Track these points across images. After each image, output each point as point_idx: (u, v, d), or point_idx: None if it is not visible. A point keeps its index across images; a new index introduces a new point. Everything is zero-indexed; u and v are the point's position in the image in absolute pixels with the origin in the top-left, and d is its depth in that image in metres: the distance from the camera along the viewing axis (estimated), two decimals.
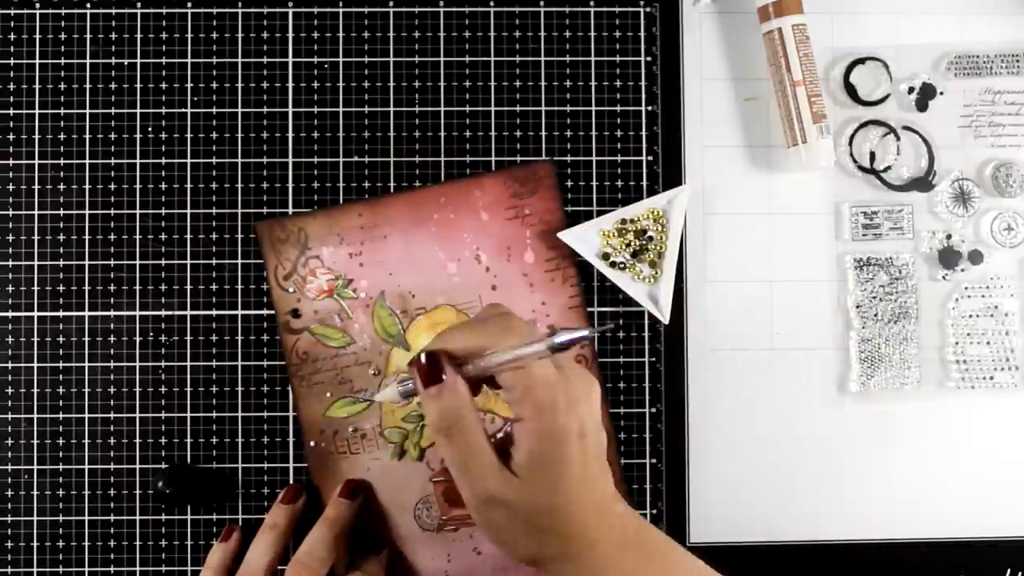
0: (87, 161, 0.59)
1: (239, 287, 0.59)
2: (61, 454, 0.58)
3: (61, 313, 0.58)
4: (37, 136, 0.59)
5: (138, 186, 0.59)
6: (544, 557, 0.47)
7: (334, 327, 0.58)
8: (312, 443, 0.58)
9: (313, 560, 0.54)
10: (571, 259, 0.59)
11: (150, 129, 0.59)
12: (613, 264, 0.58)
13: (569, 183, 0.60)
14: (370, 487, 0.58)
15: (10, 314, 0.58)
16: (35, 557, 0.58)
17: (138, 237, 0.59)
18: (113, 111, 0.59)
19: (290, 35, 0.60)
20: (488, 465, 0.45)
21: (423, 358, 0.45)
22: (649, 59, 0.60)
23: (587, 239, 0.58)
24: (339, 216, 0.59)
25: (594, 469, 0.46)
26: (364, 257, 0.58)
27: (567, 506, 0.45)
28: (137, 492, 0.58)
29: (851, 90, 0.60)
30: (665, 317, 0.58)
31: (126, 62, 0.59)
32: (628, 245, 0.58)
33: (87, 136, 0.59)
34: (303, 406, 0.58)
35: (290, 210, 0.59)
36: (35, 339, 0.58)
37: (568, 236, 0.58)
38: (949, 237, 0.60)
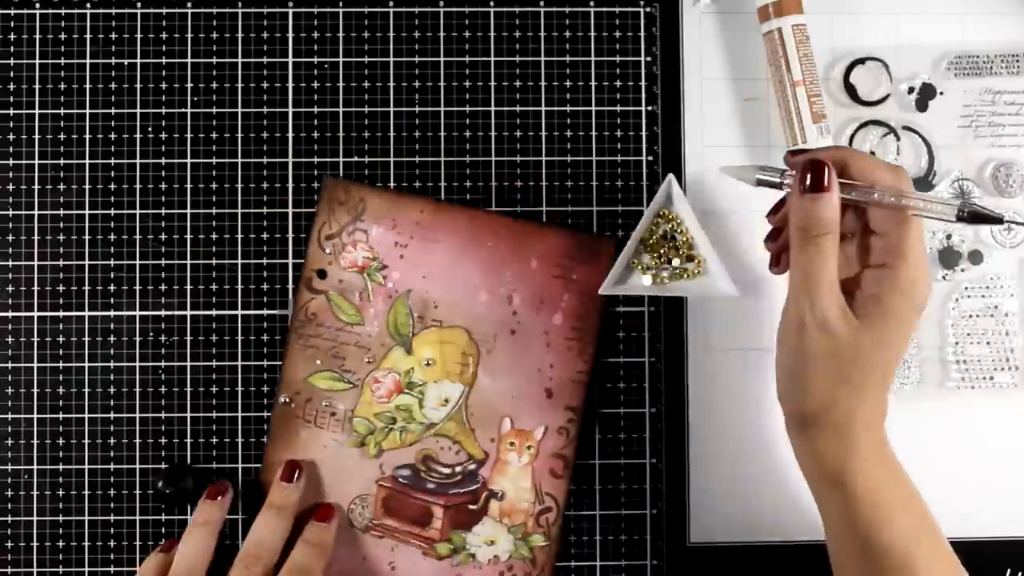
0: (87, 161, 0.59)
1: (239, 287, 0.59)
2: (61, 454, 0.58)
3: (61, 313, 0.58)
4: (37, 136, 0.59)
5: (138, 186, 0.59)
6: (826, 418, 0.47)
7: (351, 303, 0.58)
8: (284, 399, 0.58)
9: (263, 550, 0.53)
10: (593, 336, 0.58)
11: (150, 129, 0.59)
12: (664, 279, 0.58)
13: (569, 183, 0.60)
14: (313, 466, 0.58)
15: (10, 314, 0.58)
16: (35, 557, 0.58)
17: (138, 237, 0.59)
18: (113, 111, 0.59)
19: (290, 35, 0.60)
20: (833, 286, 0.45)
21: (814, 165, 0.45)
22: (649, 59, 0.60)
23: (628, 280, 0.58)
24: (402, 203, 0.58)
25: (905, 344, 0.47)
26: (408, 251, 0.58)
27: (883, 365, 0.46)
28: (137, 492, 0.58)
29: (851, 90, 0.60)
30: (734, 290, 0.57)
31: (126, 62, 0.59)
32: (661, 256, 0.58)
33: (87, 136, 0.59)
34: (290, 363, 0.58)
35: (289, 208, 0.59)
36: (35, 339, 0.58)
37: (609, 289, 0.57)
38: (949, 237, 0.60)
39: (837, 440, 0.47)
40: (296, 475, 0.56)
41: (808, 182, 0.45)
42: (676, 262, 0.58)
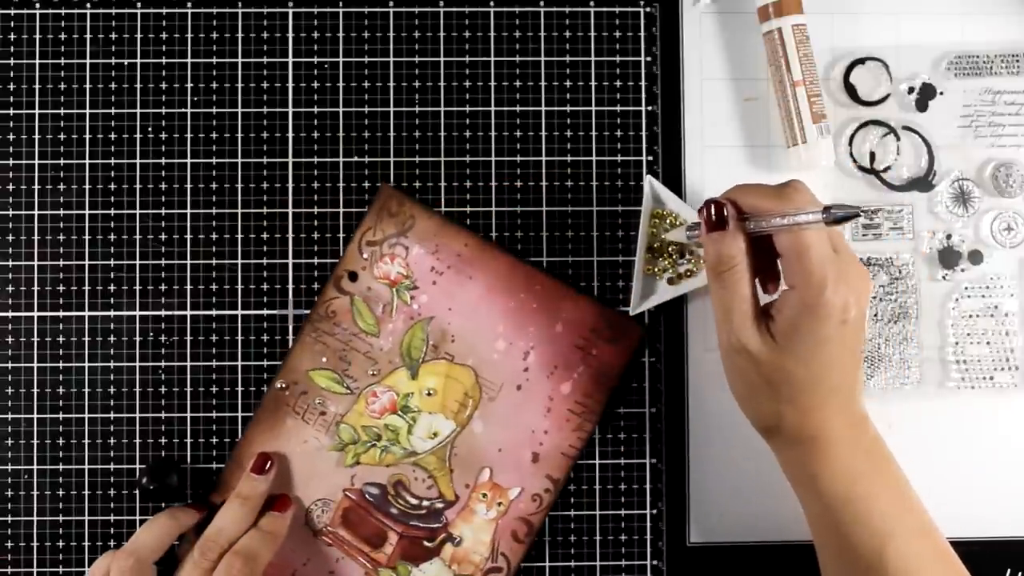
0: (87, 161, 0.59)
1: (239, 287, 0.59)
2: (61, 454, 0.58)
3: (61, 313, 0.58)
4: (37, 136, 0.59)
5: (138, 186, 0.59)
6: (780, 430, 0.49)
7: (373, 312, 0.58)
8: (280, 384, 0.58)
9: (222, 538, 0.54)
10: (595, 416, 0.58)
11: (150, 129, 0.59)
12: (683, 276, 0.58)
13: (569, 183, 0.60)
14: (285, 460, 0.58)
15: (10, 314, 0.58)
16: (35, 557, 0.58)
17: (138, 237, 0.59)
18: (113, 111, 0.59)
19: (290, 35, 0.60)
20: (748, 315, 0.48)
21: (711, 206, 0.48)
22: (649, 59, 0.60)
23: (652, 290, 0.58)
24: (449, 231, 0.58)
25: (847, 359, 0.47)
26: (442, 279, 0.58)
27: (812, 383, 0.47)
28: (137, 492, 0.58)
29: (851, 90, 0.60)
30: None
31: (126, 62, 0.59)
32: (671, 256, 0.58)
33: (87, 136, 0.59)
34: (297, 352, 0.58)
35: (290, 208, 0.59)
36: (35, 339, 0.58)
37: (639, 307, 0.58)
38: (949, 237, 0.60)
39: (800, 450, 0.49)
40: (266, 468, 0.56)
41: (709, 224, 0.48)
42: (686, 255, 0.58)
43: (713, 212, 0.48)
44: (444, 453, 0.58)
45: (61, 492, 0.58)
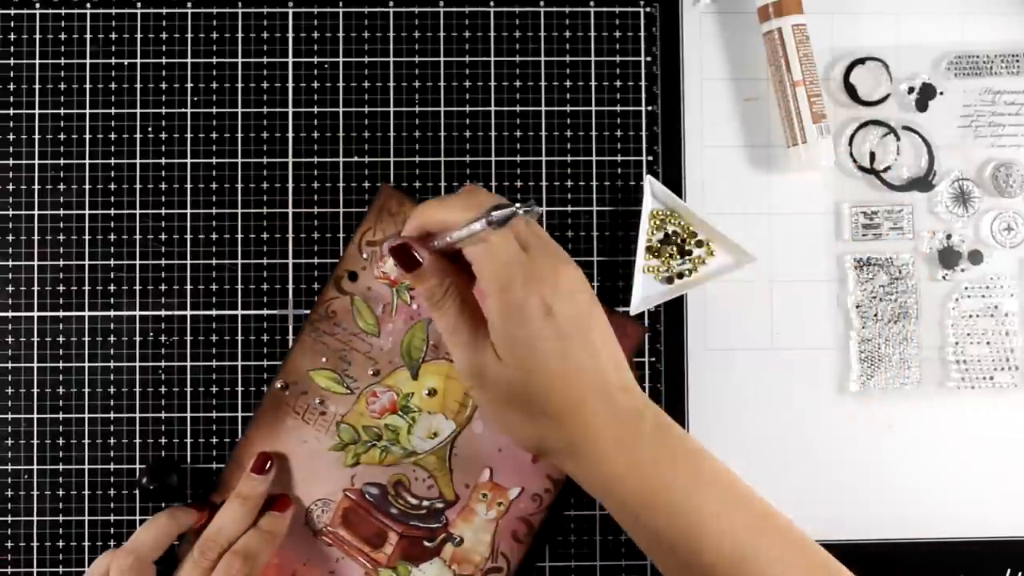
0: (87, 161, 0.59)
1: (239, 287, 0.59)
2: (61, 454, 0.58)
3: (61, 313, 0.58)
4: (37, 136, 0.59)
5: (138, 186, 0.59)
6: (548, 447, 0.46)
7: (373, 312, 0.58)
8: (280, 384, 0.58)
9: (222, 537, 0.54)
10: None
11: (150, 129, 0.59)
12: (682, 275, 0.58)
13: (569, 183, 0.60)
14: (284, 459, 0.58)
15: (10, 314, 0.58)
16: (35, 557, 0.58)
17: (138, 237, 0.59)
18: (113, 111, 0.59)
19: (290, 35, 0.60)
20: (472, 337, 0.46)
21: (396, 253, 0.47)
22: (649, 59, 0.60)
23: (651, 291, 0.58)
24: None
25: (577, 350, 0.44)
26: None
27: (550, 389, 0.44)
28: (137, 492, 0.58)
29: (851, 90, 0.60)
30: (753, 257, 0.58)
31: (126, 62, 0.59)
32: (671, 255, 0.58)
33: (87, 136, 0.59)
34: (297, 352, 0.58)
35: (290, 208, 0.59)
36: (35, 339, 0.58)
37: (639, 307, 0.58)
38: (949, 237, 0.60)
39: (577, 461, 0.46)
40: (266, 468, 0.56)
41: (404, 266, 0.47)
42: (686, 254, 0.58)
43: (400, 257, 0.47)
44: (444, 453, 0.58)
45: (61, 492, 0.58)
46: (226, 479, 0.57)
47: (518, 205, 0.43)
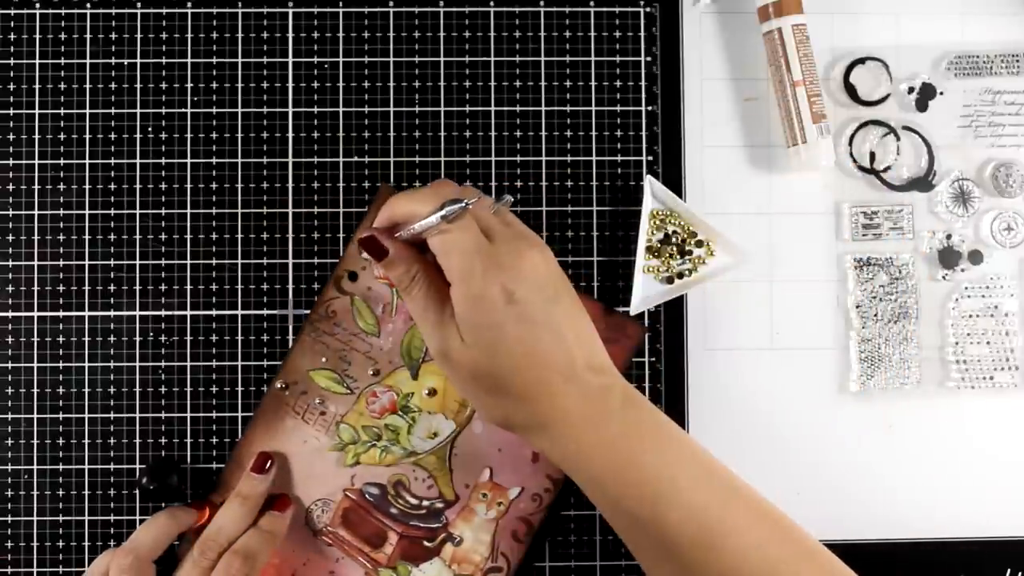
0: (87, 161, 0.59)
1: (239, 287, 0.59)
2: (61, 454, 0.58)
3: (61, 313, 0.58)
4: (37, 136, 0.59)
5: (138, 186, 0.59)
6: (515, 423, 0.48)
7: (373, 313, 0.58)
8: (280, 385, 0.58)
9: (222, 536, 0.54)
10: None
11: (150, 129, 0.59)
12: (682, 275, 0.58)
13: (569, 183, 0.60)
14: (284, 459, 0.58)
15: (10, 314, 0.58)
16: (35, 557, 0.58)
17: (138, 237, 0.59)
18: (113, 111, 0.59)
19: (290, 35, 0.60)
20: (439, 322, 0.48)
21: (365, 244, 0.50)
22: (649, 59, 0.60)
23: (651, 291, 0.58)
24: None
25: (541, 333, 0.46)
26: None
27: (514, 371, 0.46)
28: (137, 492, 0.58)
29: (851, 90, 0.60)
30: (752, 257, 0.58)
31: (126, 62, 0.59)
32: (671, 255, 0.58)
33: (87, 136, 0.59)
34: (297, 352, 0.58)
35: (290, 208, 0.59)
36: (35, 339, 0.58)
37: (639, 307, 0.58)
38: (949, 237, 0.60)
39: (544, 437, 0.47)
40: (266, 467, 0.56)
41: (374, 256, 0.50)
42: (686, 254, 0.58)
43: (369, 247, 0.50)
44: (444, 453, 0.58)
45: (61, 492, 0.58)
46: (226, 479, 0.58)
47: (470, 199, 0.45)
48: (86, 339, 0.58)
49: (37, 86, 0.59)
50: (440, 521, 0.58)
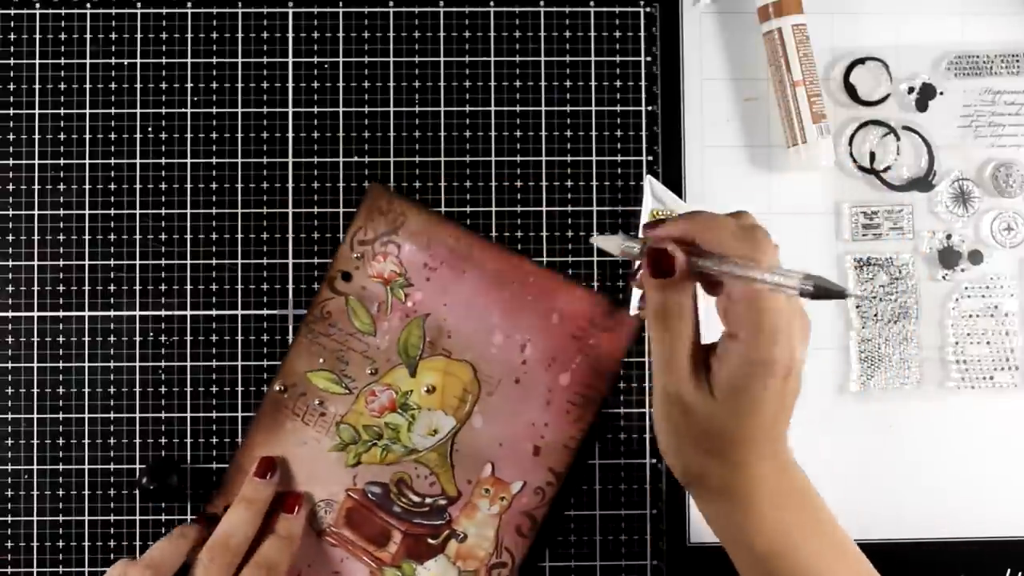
0: (87, 161, 0.59)
1: (239, 287, 0.59)
2: (61, 454, 0.58)
3: (61, 313, 0.58)
4: (37, 136, 0.59)
5: (138, 186, 0.59)
6: (704, 484, 0.46)
7: (368, 312, 0.58)
8: (278, 387, 0.58)
9: (232, 540, 0.53)
10: (595, 406, 0.58)
11: (150, 129, 0.59)
12: None
13: (569, 183, 0.60)
14: (285, 463, 0.58)
15: (10, 314, 0.58)
16: (35, 557, 0.58)
17: (138, 237, 0.59)
18: (113, 111, 0.59)
19: (290, 35, 0.60)
20: (688, 365, 0.44)
21: (658, 257, 0.43)
22: (649, 59, 0.60)
23: None
24: (439, 227, 0.58)
25: (783, 415, 0.45)
26: (435, 275, 0.58)
27: (745, 440, 0.44)
28: (137, 492, 0.58)
29: (851, 90, 0.60)
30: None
31: (126, 62, 0.59)
32: None
33: (87, 136, 0.59)
34: (294, 355, 0.58)
35: (289, 208, 0.59)
36: (35, 339, 0.58)
37: (637, 307, 0.58)
38: (949, 237, 0.60)
39: (726, 505, 0.46)
40: (270, 473, 0.56)
41: (652, 270, 0.44)
42: None
43: (659, 261, 0.44)
44: (445, 450, 0.58)
45: (61, 492, 0.58)
46: (228, 485, 0.57)
47: (846, 289, 0.40)
48: (86, 339, 0.58)
49: (37, 86, 0.59)
50: (443, 518, 0.58)
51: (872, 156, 0.60)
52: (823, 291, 0.40)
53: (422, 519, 0.58)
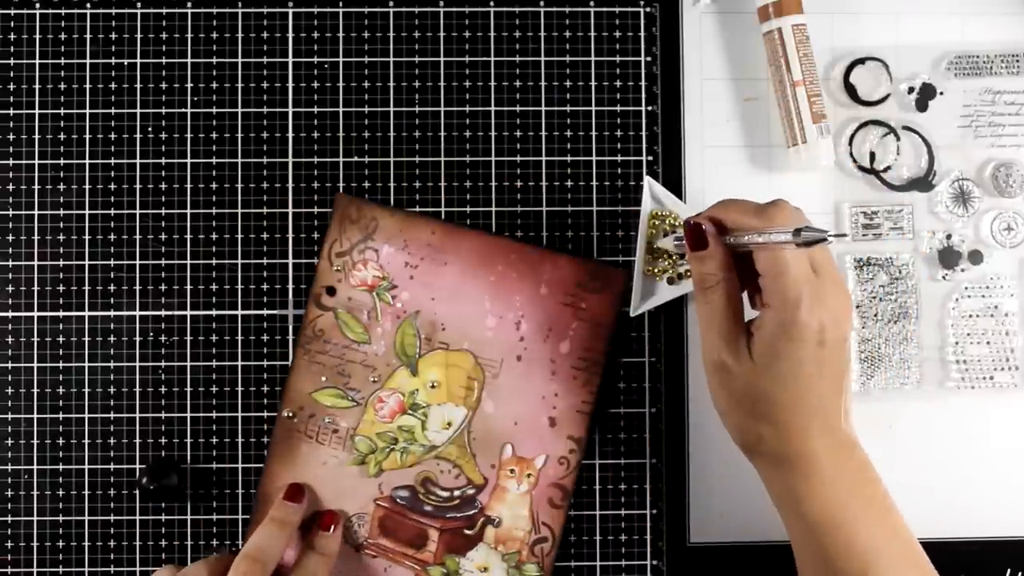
0: (87, 161, 0.59)
1: (239, 287, 0.59)
2: (61, 454, 0.58)
3: (61, 313, 0.58)
4: (37, 136, 0.59)
5: (138, 186, 0.59)
6: (761, 449, 0.49)
7: (359, 321, 0.58)
8: (287, 414, 0.58)
9: (265, 556, 0.53)
10: (600, 368, 0.58)
11: (150, 129, 0.59)
12: (683, 276, 0.58)
13: (569, 183, 0.60)
14: (311, 489, 0.58)
15: (10, 314, 0.58)
16: (35, 557, 0.58)
17: (138, 237, 0.59)
18: (113, 111, 0.59)
19: (290, 35, 0.60)
20: (728, 332, 0.48)
21: (691, 227, 0.50)
22: (649, 59, 0.60)
23: (652, 291, 0.58)
24: (413, 224, 0.58)
25: (827, 382, 0.47)
26: (418, 272, 0.58)
27: (791, 405, 0.47)
28: (137, 492, 0.58)
29: (851, 90, 0.60)
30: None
31: (126, 62, 0.59)
32: (672, 256, 0.58)
33: (87, 136, 0.59)
34: (295, 378, 0.58)
35: (290, 208, 0.59)
36: (35, 339, 0.58)
37: (639, 308, 0.58)
38: (949, 237, 0.60)
39: (781, 471, 0.49)
40: (299, 497, 0.56)
41: (691, 244, 0.50)
42: (687, 255, 0.58)
43: (692, 234, 0.50)
44: (463, 440, 0.58)
45: (61, 492, 0.58)
46: (256, 515, 0.57)
47: (829, 232, 0.43)
48: (86, 339, 0.58)
49: (37, 86, 0.59)
50: (475, 507, 0.58)
51: (872, 156, 0.60)
52: (809, 239, 0.44)
53: (455, 512, 0.58)
